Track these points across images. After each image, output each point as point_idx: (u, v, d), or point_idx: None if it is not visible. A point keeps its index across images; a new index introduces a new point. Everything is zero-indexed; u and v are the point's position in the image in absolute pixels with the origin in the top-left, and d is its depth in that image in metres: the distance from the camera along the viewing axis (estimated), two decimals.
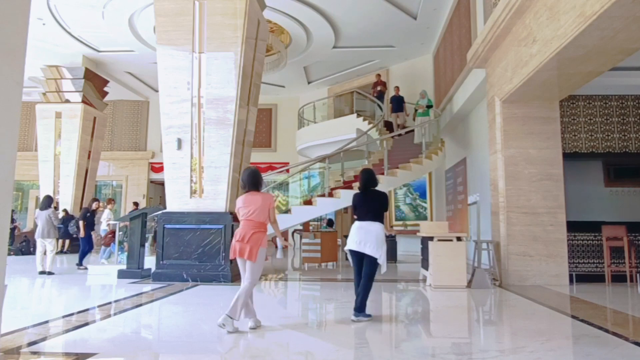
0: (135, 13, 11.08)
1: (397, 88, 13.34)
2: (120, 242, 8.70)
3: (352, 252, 4.46)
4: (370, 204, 4.51)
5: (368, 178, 4.62)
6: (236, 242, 3.95)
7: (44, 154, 13.82)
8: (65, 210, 13.17)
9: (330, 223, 11.25)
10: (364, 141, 11.63)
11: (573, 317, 4.59)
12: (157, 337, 4.00)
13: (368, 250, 4.32)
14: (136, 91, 17.35)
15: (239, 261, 4.02)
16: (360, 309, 4.28)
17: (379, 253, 4.30)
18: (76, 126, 13.68)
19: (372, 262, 4.34)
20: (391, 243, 10.90)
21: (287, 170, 12.71)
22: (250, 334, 3.83)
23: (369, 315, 4.32)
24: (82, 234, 9.47)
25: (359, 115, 13.30)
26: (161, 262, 7.19)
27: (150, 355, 3.39)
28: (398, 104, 13.07)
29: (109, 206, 10.70)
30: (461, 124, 11.24)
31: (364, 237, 4.35)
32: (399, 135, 11.87)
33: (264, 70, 10.43)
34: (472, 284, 6.48)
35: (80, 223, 9.52)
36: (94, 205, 10.17)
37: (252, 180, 4.09)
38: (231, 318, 3.80)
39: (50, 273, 8.05)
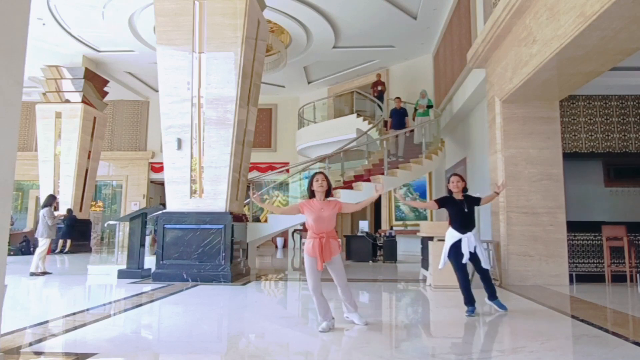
0: (135, 13, 11.08)
1: (398, 100, 11.84)
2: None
3: None
4: None
5: None
6: None
7: (44, 154, 13.82)
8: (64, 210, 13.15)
9: None
10: (364, 141, 11.63)
11: (573, 317, 4.58)
12: (157, 337, 3.99)
13: None
14: (136, 91, 17.35)
15: None
16: None
17: None
18: (76, 126, 13.68)
19: None
20: (391, 243, 10.92)
21: (287, 170, 12.70)
22: (251, 334, 3.83)
23: None
24: None
25: (359, 115, 13.30)
26: (161, 262, 7.19)
27: (150, 355, 3.39)
28: (399, 118, 11.40)
29: None
30: (461, 124, 11.24)
31: None
32: (396, 136, 11.83)
33: (264, 70, 10.43)
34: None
35: None
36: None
37: None
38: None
39: (42, 274, 7.89)
